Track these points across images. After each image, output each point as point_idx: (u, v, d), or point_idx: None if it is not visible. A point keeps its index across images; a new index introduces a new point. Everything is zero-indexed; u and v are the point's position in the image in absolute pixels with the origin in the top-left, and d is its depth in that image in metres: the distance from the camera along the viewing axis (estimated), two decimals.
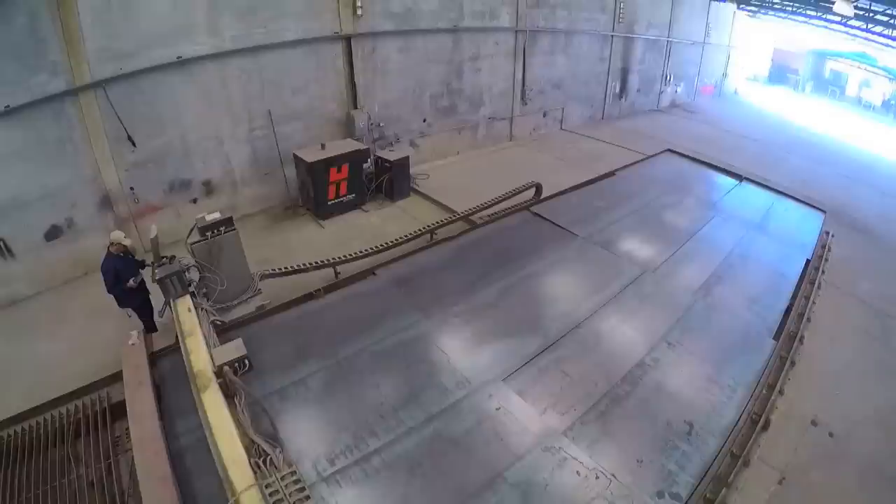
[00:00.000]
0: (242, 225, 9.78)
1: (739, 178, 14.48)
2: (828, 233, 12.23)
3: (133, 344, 6.96)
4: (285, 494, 4.25)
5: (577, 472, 5.61)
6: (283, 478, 4.42)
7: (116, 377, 6.81)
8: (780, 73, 40.79)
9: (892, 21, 22.96)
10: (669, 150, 16.46)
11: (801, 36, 35.35)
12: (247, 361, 5.72)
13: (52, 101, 9.47)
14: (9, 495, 5.66)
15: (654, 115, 25.13)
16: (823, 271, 10.67)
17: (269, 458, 4.74)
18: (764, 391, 7.37)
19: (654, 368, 7.19)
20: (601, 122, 22.87)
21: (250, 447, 4.95)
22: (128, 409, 6.14)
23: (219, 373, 5.67)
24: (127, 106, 10.32)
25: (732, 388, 7.05)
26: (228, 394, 5.59)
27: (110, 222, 10.76)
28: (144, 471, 5.41)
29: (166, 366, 6.92)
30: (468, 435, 5.99)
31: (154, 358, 6.97)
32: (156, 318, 8.15)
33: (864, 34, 26.13)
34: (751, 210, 12.65)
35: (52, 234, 10.17)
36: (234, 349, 5.76)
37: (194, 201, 11.88)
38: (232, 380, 5.49)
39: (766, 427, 6.91)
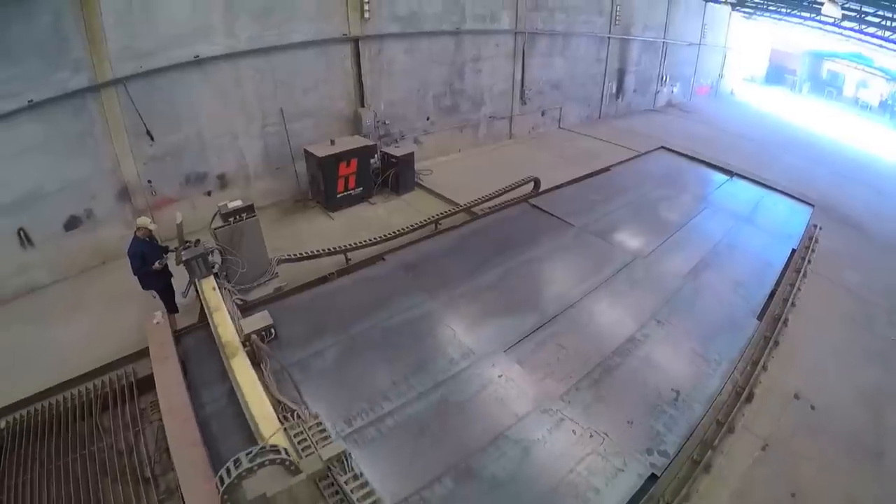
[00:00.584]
0: None
1: (730, 173, 15.04)
2: (816, 226, 12.75)
3: (157, 323, 7.35)
4: (310, 437, 4.71)
5: (573, 431, 6.19)
6: (309, 428, 4.89)
7: (141, 354, 7.19)
8: (777, 74, 40.87)
9: (883, 22, 23.41)
10: (663, 148, 17.04)
11: (797, 37, 35.61)
12: (273, 330, 6.25)
13: (74, 97, 9.71)
14: (39, 464, 5.92)
15: (650, 115, 25.46)
16: (810, 261, 11.23)
17: (294, 412, 5.25)
18: (748, 367, 7.99)
19: (644, 343, 7.78)
20: (598, 122, 23.25)
21: (277, 406, 5.46)
22: (156, 381, 6.53)
23: (246, 341, 6.22)
24: (146, 102, 10.66)
25: (717, 362, 7.60)
26: (255, 361, 6.12)
27: (128, 214, 11.04)
28: (175, 436, 5.76)
29: (189, 342, 7.37)
30: (473, 399, 6.57)
31: (178, 336, 7.37)
32: (178, 299, 8.57)
33: (857, 35, 26.55)
34: (740, 203, 13.19)
35: (72, 224, 10.36)
36: (260, 319, 6.30)
37: (209, 194, 12.26)
38: (259, 346, 6.03)
39: (749, 399, 7.54)
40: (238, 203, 8.73)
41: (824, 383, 8.36)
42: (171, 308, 8.54)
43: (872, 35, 25.22)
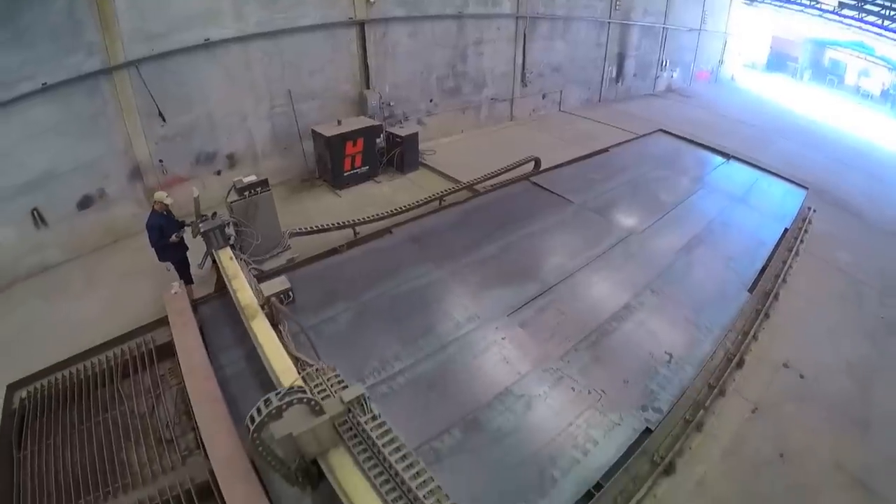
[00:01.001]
0: None
1: (727, 156, 15.25)
2: (809, 208, 13.00)
3: (175, 293, 7.69)
4: (328, 387, 5.01)
5: (573, 388, 6.61)
6: (328, 379, 5.24)
7: (159, 323, 7.41)
8: (778, 61, 40.65)
9: (883, 11, 23.62)
10: (661, 131, 17.30)
11: (799, 24, 35.56)
12: (290, 293, 6.62)
13: (87, 80, 9.94)
14: (62, 429, 6.08)
15: (649, 99, 25.64)
16: (802, 241, 11.54)
17: (313, 367, 5.60)
18: (739, 336, 8.39)
19: (639, 310, 8.18)
20: (598, 105, 23.47)
21: (296, 362, 5.80)
22: (176, 344, 6.85)
23: (265, 304, 6.59)
24: (158, 84, 10.92)
25: (709, 329, 8.00)
26: (274, 323, 6.48)
27: (140, 193, 11.39)
28: (196, 394, 6.09)
29: (206, 311, 7.72)
30: (478, 358, 7.00)
31: (194, 305, 7.67)
32: (193, 271, 8.95)
33: (857, 23, 26.73)
34: (735, 185, 13.47)
35: (85, 203, 10.60)
36: (279, 283, 6.69)
37: (218, 173, 12.61)
38: (278, 308, 6.39)
39: (740, 365, 7.97)
40: (253, 178, 9.09)
41: (813, 355, 8.62)
42: (187, 280, 8.86)
43: (872, 24, 25.43)
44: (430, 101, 16.85)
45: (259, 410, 4.18)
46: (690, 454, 6.61)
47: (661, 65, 27.04)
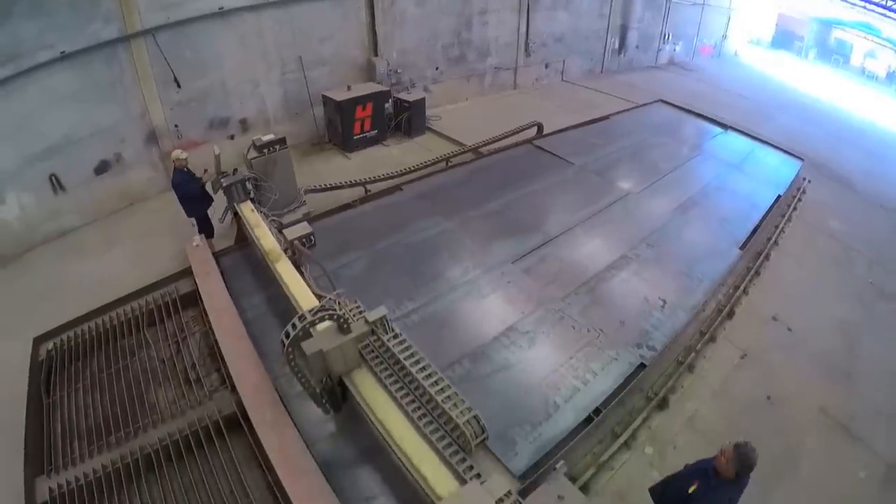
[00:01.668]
0: None
1: (725, 127, 15.58)
2: (805, 178, 13.38)
3: (197, 245, 8.13)
4: (347, 312, 5.31)
5: (573, 326, 7.18)
6: (350, 310, 5.59)
7: (183, 274, 7.77)
8: (784, 39, 40.08)
9: None
10: (661, 101, 17.61)
11: (806, 3, 35.37)
12: (312, 237, 7.07)
13: (105, 47, 10.02)
14: (89, 375, 6.39)
15: (651, 72, 25.65)
16: (796, 208, 11.96)
17: (337, 298, 6.02)
18: (730, 290, 8.88)
19: (634, 261, 8.72)
20: (600, 76, 23.60)
21: (320, 299, 6.23)
22: (200, 290, 7.28)
23: (288, 248, 7.05)
24: (173, 51, 11.13)
25: (700, 280, 8.52)
26: (297, 265, 6.93)
27: (155, 157, 11.68)
28: (222, 333, 6.53)
29: (227, 262, 8.16)
30: (485, 299, 7.57)
31: (216, 256, 8.05)
32: (215, 223, 9.37)
33: (862, 3, 26.57)
34: (732, 153, 13.84)
35: (102, 168, 10.73)
36: (301, 228, 7.12)
37: (231, 137, 12.88)
38: (301, 250, 6.85)
39: (730, 316, 8.48)
40: (271, 136, 9.49)
41: (802, 311, 8.96)
42: (209, 234, 9.24)
43: (878, 4, 25.27)
44: (436, 68, 17.12)
45: (294, 325, 4.66)
46: (682, 392, 7.11)
47: (664, 38, 26.99)
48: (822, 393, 7.47)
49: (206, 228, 9.34)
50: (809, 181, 13.43)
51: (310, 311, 4.74)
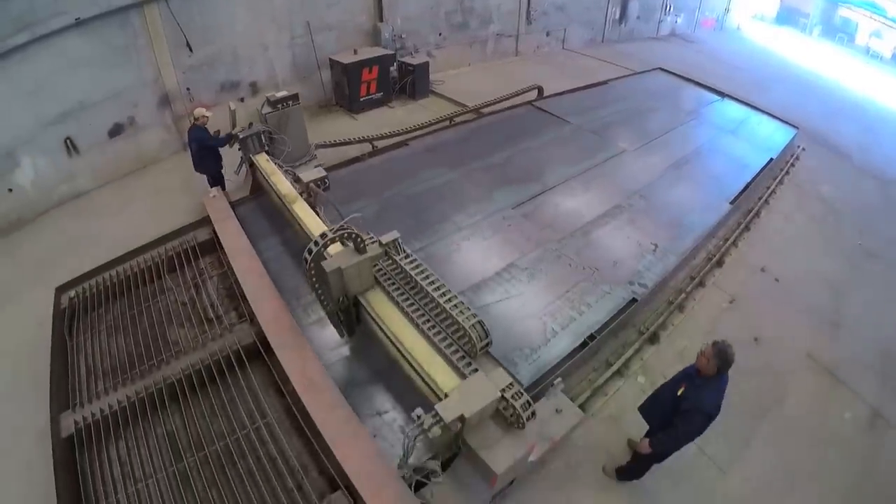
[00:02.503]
0: None
1: (722, 95, 15.85)
2: (799, 146, 13.72)
3: (214, 196, 8.56)
4: (361, 238, 5.58)
5: (569, 264, 7.69)
6: (365, 237, 5.96)
7: (200, 224, 8.11)
8: (788, 15, 39.31)
9: None
10: (660, 69, 17.91)
11: None
12: (326, 181, 7.50)
13: (119, 13, 10.10)
14: (112, 319, 6.68)
15: (652, 42, 25.75)
16: (788, 172, 12.37)
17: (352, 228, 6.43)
18: (720, 242, 9.35)
19: (628, 210, 9.21)
20: (601, 45, 23.77)
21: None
22: (218, 234, 7.62)
23: (304, 191, 7.49)
24: (185, 16, 11.29)
25: (691, 229, 8.97)
26: (312, 206, 7.38)
27: (168, 119, 11.94)
28: (241, 269, 6.90)
29: (243, 210, 8.58)
30: (487, 240, 8.08)
31: (232, 206, 8.43)
32: (230, 177, 9.64)
33: None
34: (727, 120, 14.15)
35: (115, 131, 10.89)
36: (316, 172, 7.54)
37: (241, 100, 13.08)
38: (316, 191, 7.28)
39: (719, 264, 8.96)
40: (284, 93, 9.92)
41: (790, 265, 9.28)
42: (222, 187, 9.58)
43: None
44: (439, 34, 17.40)
45: (316, 243, 5.15)
46: (673, 330, 7.60)
47: (665, 9, 27.05)
48: (809, 339, 7.76)
49: (218, 183, 9.65)
50: (804, 149, 13.74)
51: (330, 229, 5.22)
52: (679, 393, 4.56)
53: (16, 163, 9.39)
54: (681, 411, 4.49)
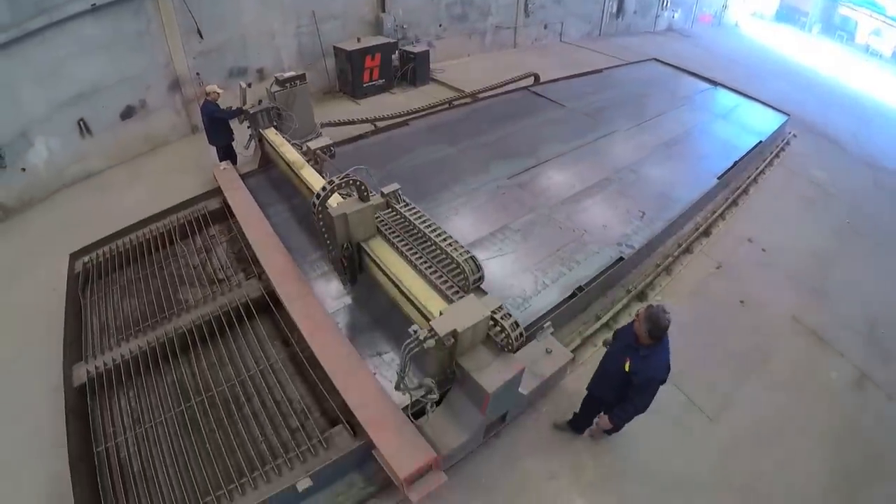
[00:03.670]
0: None
1: (715, 83, 16.12)
2: (791, 132, 14.06)
3: (224, 168, 9.01)
4: (364, 186, 5.98)
5: (560, 227, 8.14)
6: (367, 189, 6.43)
7: (210, 194, 8.52)
8: (788, 13, 39.42)
9: None
10: (655, 59, 18.26)
11: None
12: (332, 149, 7.96)
13: (133, 0, 10.51)
14: (125, 281, 7.01)
15: (648, 36, 26.03)
16: (778, 155, 12.73)
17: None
18: (708, 215, 9.74)
19: (618, 182, 9.64)
20: (598, 38, 24.16)
21: None
22: (229, 200, 8.00)
23: (311, 158, 7.94)
24: (196, 4, 11.68)
25: (678, 200, 9.31)
26: (318, 171, 7.79)
27: (178, 103, 12.41)
28: (250, 228, 7.30)
29: (252, 182, 8.97)
30: (484, 206, 8.56)
31: (242, 177, 8.82)
32: (239, 151, 10.12)
33: None
34: (719, 106, 14.47)
35: (127, 113, 11.31)
36: (323, 140, 8.00)
37: (249, 86, 13.42)
38: (323, 158, 7.74)
39: (707, 234, 9.36)
40: (292, 73, 10.41)
41: (778, 238, 9.54)
42: (233, 162, 10.03)
43: None
44: (440, 25, 17.92)
45: (324, 188, 5.64)
46: (660, 290, 7.99)
47: (663, 4, 27.38)
48: (795, 304, 8.03)
49: (229, 157, 10.13)
50: (795, 135, 14.06)
51: (337, 176, 5.69)
52: (627, 368, 4.47)
53: (30, 143, 9.72)
54: (634, 385, 4.47)
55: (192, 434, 5.02)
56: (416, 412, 4.97)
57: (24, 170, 9.68)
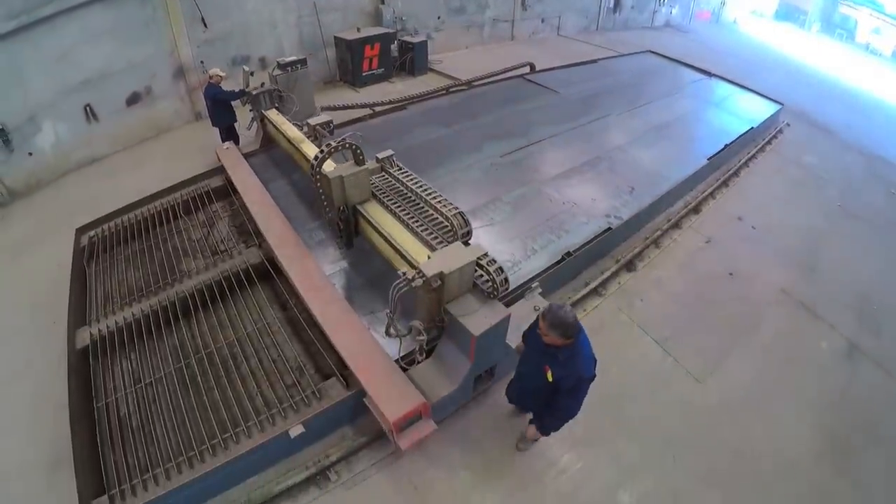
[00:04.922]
0: None
1: (709, 74, 16.28)
2: (784, 121, 14.23)
3: (227, 148, 9.26)
4: (360, 150, 6.19)
5: (550, 199, 8.43)
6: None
7: (213, 172, 8.79)
8: (787, 11, 39.40)
9: None
10: (650, 51, 18.47)
11: None
12: (331, 125, 8.25)
13: None
14: (129, 253, 7.20)
15: (646, 32, 26.12)
16: (771, 143, 12.91)
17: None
18: (697, 194, 9.95)
19: (608, 160, 9.90)
20: (595, 33, 24.39)
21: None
22: (231, 176, 8.23)
23: (311, 134, 8.22)
24: None
25: (667, 178, 9.52)
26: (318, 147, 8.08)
27: (182, 90, 12.70)
28: (251, 200, 7.54)
29: (255, 161, 9.20)
30: (478, 181, 8.87)
31: (245, 157, 9.01)
32: (241, 132, 10.47)
33: None
34: (712, 94, 14.64)
35: (133, 100, 11.53)
36: (323, 117, 8.32)
37: (252, 74, 13.84)
38: (322, 133, 8.04)
39: (696, 211, 9.56)
40: (293, 57, 10.75)
41: (767, 217, 9.67)
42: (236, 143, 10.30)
43: None
44: (438, 17, 18.23)
45: (322, 150, 5.95)
46: (650, 262, 8.20)
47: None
48: (784, 278, 8.14)
49: (232, 138, 10.41)
50: (788, 124, 14.22)
51: (334, 141, 6.00)
52: (551, 379, 4.03)
53: (38, 127, 9.96)
54: (564, 390, 4.05)
55: (190, 390, 5.22)
56: (407, 363, 5.24)
57: (31, 154, 9.95)
